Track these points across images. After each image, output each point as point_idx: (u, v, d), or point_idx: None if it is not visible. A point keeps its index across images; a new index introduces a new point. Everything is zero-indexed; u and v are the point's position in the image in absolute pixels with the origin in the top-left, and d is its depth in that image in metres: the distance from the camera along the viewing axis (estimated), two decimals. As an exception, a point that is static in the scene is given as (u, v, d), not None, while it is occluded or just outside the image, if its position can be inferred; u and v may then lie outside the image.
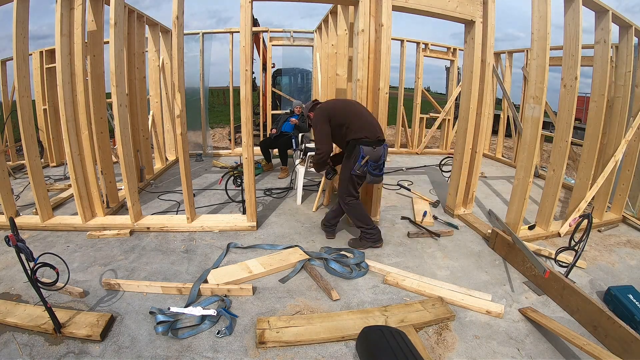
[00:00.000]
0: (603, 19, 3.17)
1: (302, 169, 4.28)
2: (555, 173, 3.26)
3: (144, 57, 4.88)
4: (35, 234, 3.25)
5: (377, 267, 2.78)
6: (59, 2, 2.92)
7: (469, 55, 3.53)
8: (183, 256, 2.93)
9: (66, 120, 3.11)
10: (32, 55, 5.51)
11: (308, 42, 6.81)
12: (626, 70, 3.45)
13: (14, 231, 1.89)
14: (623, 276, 2.86)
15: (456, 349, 2.01)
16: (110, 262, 2.80)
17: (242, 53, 3.00)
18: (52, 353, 1.88)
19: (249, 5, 2.91)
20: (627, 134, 3.56)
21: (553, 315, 2.31)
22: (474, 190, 3.90)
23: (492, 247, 3.20)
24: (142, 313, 2.20)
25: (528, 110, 3.05)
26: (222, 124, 12.05)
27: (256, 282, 2.57)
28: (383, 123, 3.29)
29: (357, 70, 3.16)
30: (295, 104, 5.52)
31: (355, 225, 3.14)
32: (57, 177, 5.21)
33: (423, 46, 6.99)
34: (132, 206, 3.32)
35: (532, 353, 1.99)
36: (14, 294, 2.38)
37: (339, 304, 2.36)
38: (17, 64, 2.99)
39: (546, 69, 2.89)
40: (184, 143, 3.20)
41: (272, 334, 2.01)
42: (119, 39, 3.03)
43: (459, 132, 3.78)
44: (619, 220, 3.92)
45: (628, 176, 3.77)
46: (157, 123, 5.67)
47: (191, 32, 6.35)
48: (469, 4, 3.31)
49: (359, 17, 3.07)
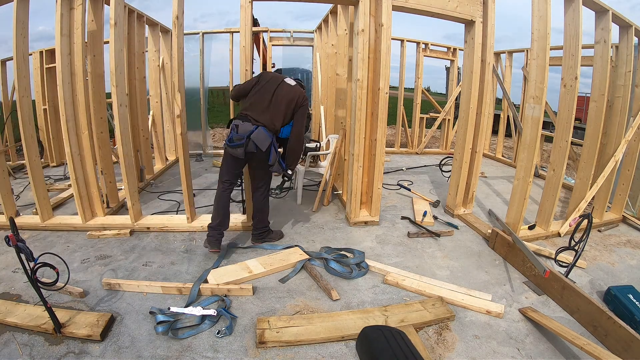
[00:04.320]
0: (603, 19, 3.17)
1: (302, 169, 4.28)
2: (555, 173, 3.26)
3: (144, 57, 4.88)
4: (35, 234, 3.25)
5: (377, 267, 2.78)
6: (59, 2, 2.92)
7: (469, 55, 3.53)
8: (183, 256, 2.93)
9: (66, 120, 3.11)
10: (32, 55, 5.51)
11: (308, 42, 6.81)
12: (626, 70, 3.45)
13: (14, 231, 1.89)
14: (623, 276, 2.86)
15: (456, 349, 2.01)
16: (110, 262, 2.80)
17: (242, 53, 3.00)
18: (52, 353, 1.88)
19: (249, 5, 2.91)
20: (627, 133, 3.56)
21: (553, 315, 2.31)
22: (474, 190, 3.90)
23: (492, 247, 3.20)
24: (142, 313, 2.20)
25: (528, 110, 3.05)
26: (222, 124, 12.03)
27: (256, 282, 2.57)
28: (383, 123, 3.30)
29: (357, 70, 3.16)
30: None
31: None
32: (57, 177, 5.21)
33: (423, 46, 6.99)
34: (132, 206, 3.32)
35: (532, 353, 1.99)
36: (14, 294, 2.38)
37: (339, 304, 2.36)
38: (17, 64, 2.99)
39: (546, 69, 2.88)
40: (184, 143, 3.20)
41: (272, 333, 2.01)
42: (119, 39, 3.03)
43: (459, 132, 3.78)
44: (619, 220, 3.92)
45: (628, 176, 3.77)
46: (157, 123, 5.67)
47: (191, 32, 6.35)
48: (469, 4, 3.31)
49: (359, 17, 3.07)
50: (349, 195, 3.61)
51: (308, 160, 4.34)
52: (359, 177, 3.46)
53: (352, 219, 3.57)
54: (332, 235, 3.39)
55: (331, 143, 4.45)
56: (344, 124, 4.11)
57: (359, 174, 3.44)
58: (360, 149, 3.38)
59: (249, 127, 2.68)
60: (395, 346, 1.75)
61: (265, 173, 2.94)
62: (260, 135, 2.67)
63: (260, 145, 2.67)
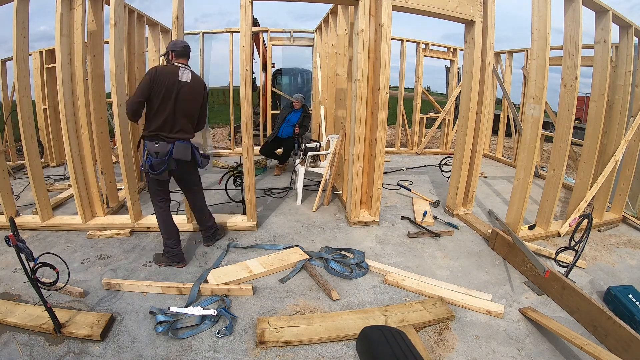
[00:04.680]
0: (603, 19, 3.17)
1: (302, 169, 4.28)
2: (555, 173, 3.26)
3: (144, 57, 4.88)
4: (35, 234, 3.25)
5: (377, 267, 2.78)
6: (59, 2, 2.92)
7: (469, 55, 3.53)
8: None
9: (66, 120, 3.11)
10: (32, 55, 5.51)
11: (308, 42, 6.81)
12: (626, 70, 3.45)
13: (14, 231, 1.89)
14: (623, 276, 2.86)
15: (456, 349, 2.01)
16: (110, 262, 2.80)
17: (242, 53, 3.00)
18: (52, 353, 1.88)
19: (249, 5, 2.91)
20: (627, 134, 3.56)
21: (553, 315, 2.31)
22: (474, 190, 3.90)
23: (492, 247, 3.20)
24: (142, 313, 2.20)
25: (528, 110, 3.05)
26: (222, 124, 12.05)
27: (256, 282, 2.57)
28: (383, 123, 3.30)
29: (357, 70, 3.16)
30: (296, 98, 5.46)
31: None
32: (57, 177, 5.21)
33: (423, 46, 6.98)
34: (132, 206, 3.32)
35: (532, 353, 1.99)
36: (14, 294, 2.38)
37: (339, 304, 2.36)
38: (17, 64, 2.99)
39: (546, 69, 2.89)
40: (184, 143, 3.19)
41: (272, 333, 2.01)
42: (119, 39, 3.03)
43: (459, 132, 3.78)
44: (619, 220, 3.92)
45: (628, 176, 3.77)
46: (157, 123, 5.66)
47: (191, 32, 6.35)
48: (469, 4, 3.31)
49: (359, 17, 3.07)
50: (349, 195, 3.61)
51: (308, 160, 4.34)
52: (359, 177, 3.46)
53: (352, 219, 3.57)
54: (332, 235, 3.39)
55: (331, 143, 4.45)
56: (344, 124, 4.11)
57: (359, 174, 3.44)
58: (360, 149, 3.38)
59: (165, 147, 2.52)
60: (395, 346, 1.75)
61: (196, 175, 2.91)
62: (179, 149, 2.55)
63: (184, 157, 2.58)
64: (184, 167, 2.68)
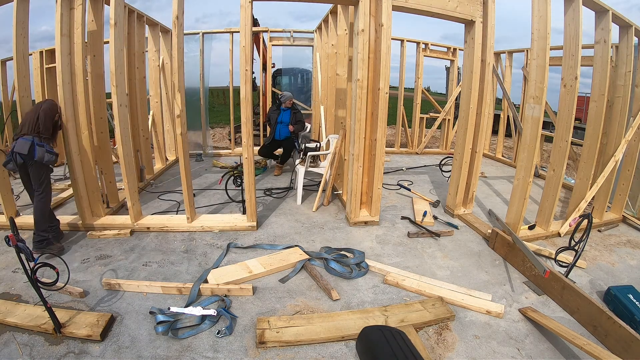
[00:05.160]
0: (603, 19, 3.17)
1: (302, 169, 4.28)
2: (555, 173, 3.26)
3: (144, 57, 4.88)
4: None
5: (377, 267, 2.78)
6: (59, 2, 2.92)
7: (469, 55, 3.54)
8: (183, 256, 2.93)
9: (66, 120, 3.11)
10: (32, 55, 5.51)
11: (308, 42, 6.81)
12: (626, 70, 3.45)
13: (14, 231, 1.89)
14: (623, 276, 2.86)
15: (456, 349, 2.01)
16: (110, 262, 2.80)
17: (242, 53, 3.00)
18: (52, 353, 1.88)
19: (249, 5, 2.91)
20: (627, 134, 3.56)
21: (553, 315, 2.31)
22: (474, 190, 3.90)
23: (492, 247, 3.20)
24: (142, 313, 2.20)
25: (528, 110, 3.05)
26: (222, 124, 12.05)
27: (256, 282, 2.57)
28: (383, 123, 3.30)
29: (357, 70, 3.16)
30: (286, 97, 5.30)
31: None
32: (57, 177, 5.20)
33: (423, 46, 6.99)
34: (132, 206, 3.32)
35: (532, 353, 1.99)
36: (14, 294, 2.38)
37: (339, 304, 2.36)
38: (17, 64, 2.99)
39: (546, 69, 2.89)
40: (184, 143, 3.20)
41: (272, 333, 2.01)
42: (119, 39, 3.03)
43: (459, 132, 3.78)
44: (619, 220, 3.92)
45: (628, 176, 3.77)
46: (157, 123, 5.67)
47: (191, 32, 6.35)
48: (469, 4, 3.31)
49: (359, 17, 3.07)
50: (349, 195, 3.61)
51: (308, 160, 4.34)
52: (359, 177, 3.46)
53: (352, 219, 3.57)
54: (332, 235, 3.39)
55: (331, 143, 4.45)
56: (344, 124, 4.11)
57: (359, 174, 3.44)
58: (360, 149, 3.38)
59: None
60: (395, 346, 1.75)
61: (40, 173, 2.85)
62: (19, 144, 2.76)
63: (22, 151, 2.75)
64: (27, 161, 2.81)
